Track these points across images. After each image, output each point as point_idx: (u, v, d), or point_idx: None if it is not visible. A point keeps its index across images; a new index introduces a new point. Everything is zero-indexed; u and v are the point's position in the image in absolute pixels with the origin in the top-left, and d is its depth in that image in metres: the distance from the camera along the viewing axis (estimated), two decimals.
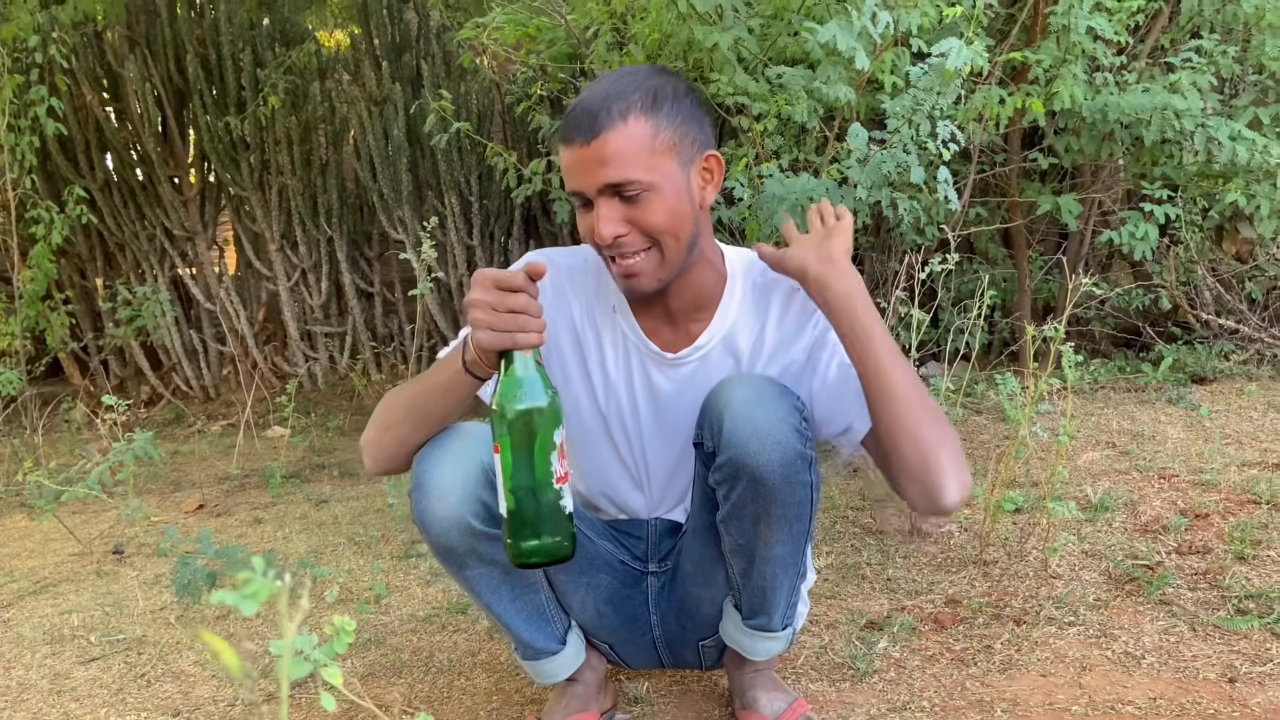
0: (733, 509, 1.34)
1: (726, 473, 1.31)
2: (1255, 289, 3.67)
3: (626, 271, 1.33)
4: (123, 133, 4.85)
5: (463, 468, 1.30)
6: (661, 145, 1.29)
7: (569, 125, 1.29)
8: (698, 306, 1.44)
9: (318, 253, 4.97)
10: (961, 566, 2.18)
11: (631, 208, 1.29)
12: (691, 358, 1.45)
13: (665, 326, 1.46)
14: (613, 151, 1.26)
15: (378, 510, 3.05)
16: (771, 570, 1.40)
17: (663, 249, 1.32)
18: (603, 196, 1.29)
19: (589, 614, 1.56)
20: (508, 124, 4.64)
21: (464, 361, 1.28)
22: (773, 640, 1.51)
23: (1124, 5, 2.84)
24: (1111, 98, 2.89)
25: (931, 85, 2.07)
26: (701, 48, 2.50)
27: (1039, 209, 3.21)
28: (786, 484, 1.28)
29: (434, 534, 1.32)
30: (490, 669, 1.93)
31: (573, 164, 1.29)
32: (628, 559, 1.58)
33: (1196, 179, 3.00)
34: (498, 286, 1.18)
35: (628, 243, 1.31)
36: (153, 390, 5.16)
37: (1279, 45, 2.77)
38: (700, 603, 1.55)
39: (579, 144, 1.27)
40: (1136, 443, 2.76)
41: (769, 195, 2.34)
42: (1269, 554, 2.07)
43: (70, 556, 2.84)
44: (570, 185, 1.31)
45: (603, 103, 1.27)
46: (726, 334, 1.45)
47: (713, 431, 1.32)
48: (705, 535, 1.47)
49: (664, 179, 1.29)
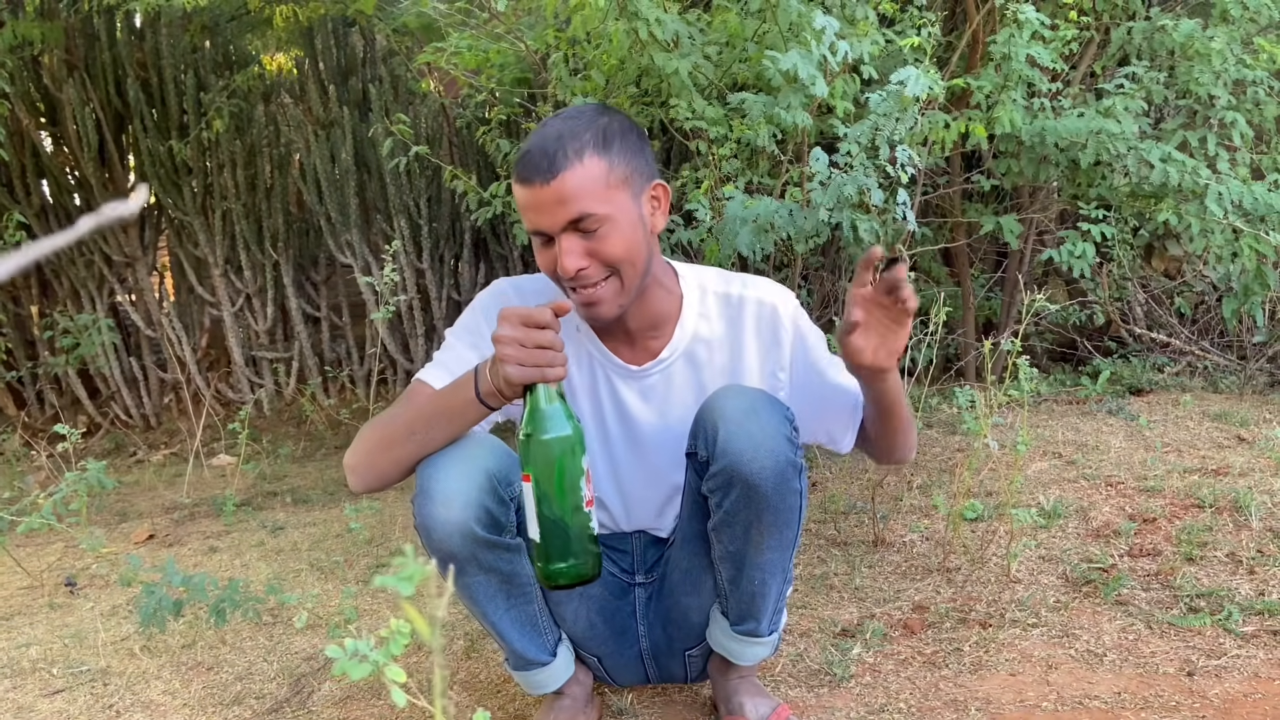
0: (725, 516, 1.38)
1: (721, 480, 1.35)
2: (1184, 304, 3.84)
3: (589, 300, 1.39)
4: (59, 157, 4.76)
5: (468, 475, 1.33)
6: (615, 180, 1.36)
7: (526, 167, 1.34)
8: (654, 325, 1.51)
9: (263, 277, 4.92)
10: (925, 574, 2.25)
11: (591, 241, 1.35)
12: (655, 370, 1.52)
13: (625, 346, 1.52)
14: (571, 189, 1.32)
15: (337, 535, 3.03)
16: (761, 576, 1.45)
17: (622, 277, 1.39)
18: (565, 233, 1.34)
19: (581, 625, 1.58)
20: (455, 147, 4.66)
21: (477, 392, 1.32)
22: (760, 645, 1.55)
23: (1059, 34, 2.97)
24: (1049, 122, 3.01)
25: (890, 111, 2.15)
26: (662, 74, 2.55)
27: (982, 229, 3.32)
28: (779, 491, 1.34)
29: (436, 539, 1.34)
30: (470, 687, 1.94)
31: (532, 203, 1.34)
32: (616, 571, 1.62)
33: (1129, 199, 3.13)
34: (524, 324, 1.24)
35: (589, 274, 1.37)
36: (90, 420, 5.04)
37: (1207, 72, 2.93)
38: (688, 611, 1.59)
39: (538, 184, 1.33)
40: (1082, 452, 2.87)
41: (730, 217, 2.40)
42: (1215, 555, 2.17)
43: (20, 590, 2.77)
44: (531, 224, 1.37)
45: (557, 144, 1.33)
46: (687, 348, 1.52)
47: (707, 441, 1.37)
48: (693, 544, 1.52)
49: (619, 211, 1.36)
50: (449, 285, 4.79)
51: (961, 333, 3.70)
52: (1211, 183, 2.91)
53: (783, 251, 3.13)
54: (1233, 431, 2.96)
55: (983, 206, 3.66)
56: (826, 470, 2.97)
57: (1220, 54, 2.92)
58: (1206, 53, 2.88)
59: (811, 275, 3.64)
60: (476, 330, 1.51)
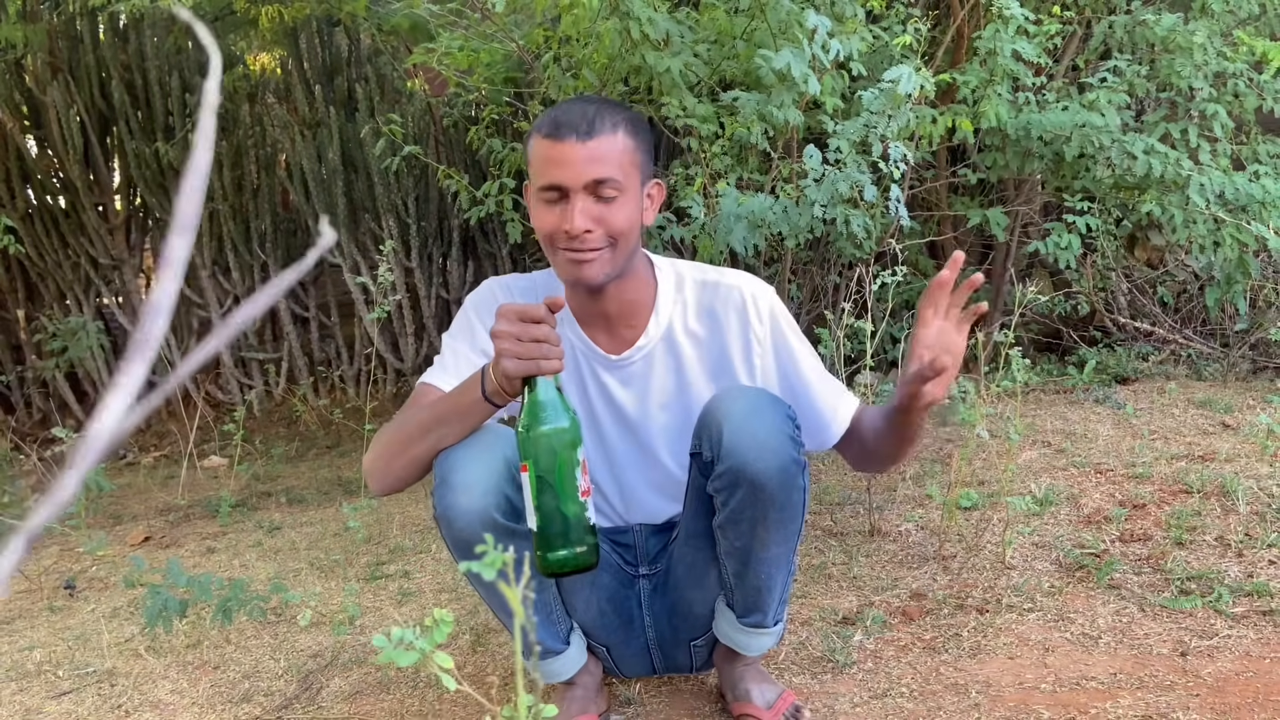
0: (731, 514, 1.42)
1: (726, 480, 1.39)
2: (1166, 293, 3.90)
3: (581, 259, 1.43)
4: (44, 161, 4.74)
5: (486, 463, 1.36)
6: (634, 163, 1.44)
7: (559, 124, 1.40)
8: (632, 313, 1.56)
9: (251, 278, 4.91)
10: (922, 562, 2.29)
11: (603, 206, 1.41)
12: (635, 358, 1.57)
13: (604, 334, 1.57)
14: (603, 152, 1.39)
15: (335, 534, 3.04)
16: (767, 570, 1.48)
17: (615, 249, 1.44)
18: (583, 192, 1.40)
19: (592, 614, 1.62)
20: (442, 145, 4.67)
21: (484, 391, 1.35)
22: (766, 636, 1.59)
23: (1042, 29, 3.02)
24: (1034, 116, 3.05)
25: (883, 109, 2.19)
26: (654, 72, 2.58)
27: (969, 222, 3.37)
28: (783, 489, 1.38)
29: (457, 528, 1.37)
30: (477, 681, 1.96)
31: (558, 158, 1.40)
32: (621, 562, 1.66)
33: (1113, 191, 3.18)
34: (520, 319, 1.28)
35: (592, 239, 1.42)
36: (78, 423, 5.02)
37: (1188, 64, 2.98)
38: (692, 604, 1.63)
39: (572, 140, 1.39)
40: (1070, 441, 2.91)
41: (725, 214, 2.43)
42: (1204, 539, 2.22)
43: (18, 593, 2.77)
44: (548, 178, 1.41)
45: (596, 112, 1.41)
46: (665, 334, 1.57)
47: (711, 442, 1.41)
48: (698, 540, 1.56)
49: (632, 189, 1.44)
50: (438, 284, 4.80)
51: None
52: (1194, 174, 2.96)
53: (773, 247, 3.16)
54: (1217, 418, 3.01)
55: (969, 200, 3.71)
56: (821, 462, 3.01)
57: (1201, 47, 2.98)
58: (1188, 46, 2.93)
59: (801, 270, 3.68)
60: (471, 329, 1.55)
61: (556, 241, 1.43)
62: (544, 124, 1.43)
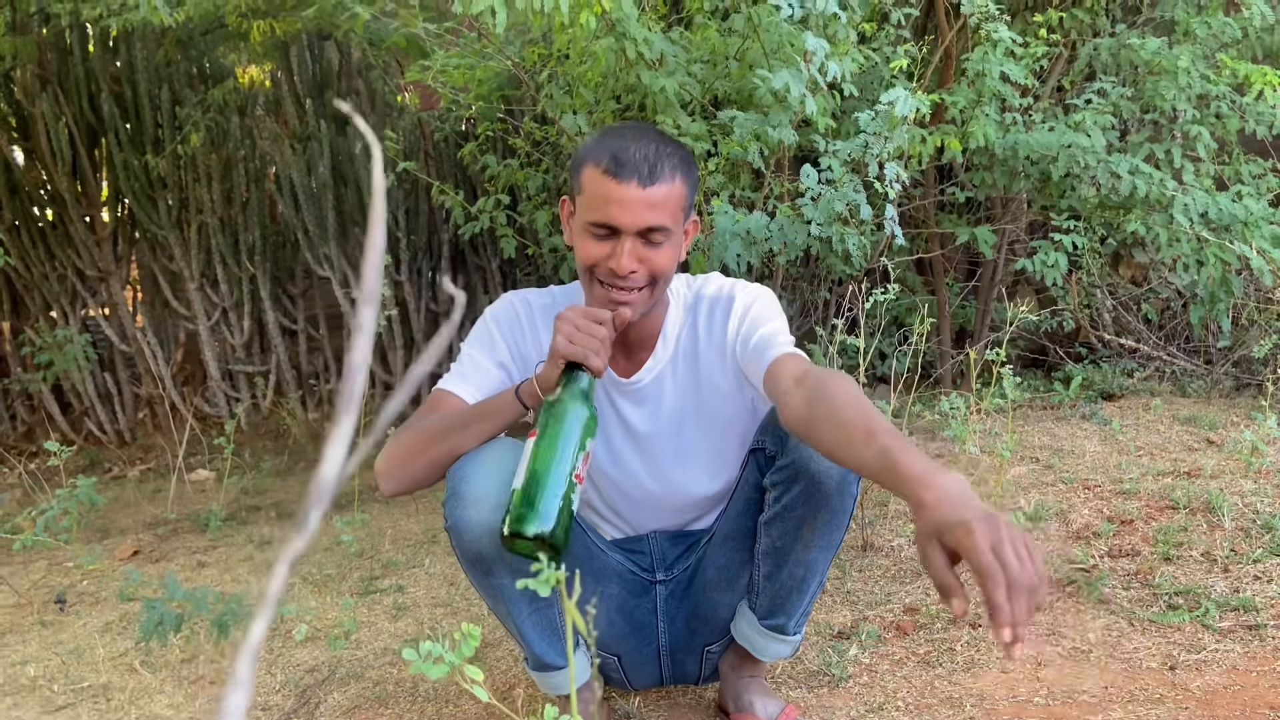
0: (783, 509, 1.46)
1: (787, 474, 1.44)
2: (1150, 310, 3.96)
3: (621, 300, 1.46)
4: (32, 173, 4.72)
5: (497, 477, 1.38)
6: (684, 205, 1.47)
7: (621, 163, 1.40)
8: (646, 336, 1.60)
9: (239, 290, 4.90)
10: (914, 577, 2.31)
11: (650, 250, 1.44)
12: (645, 379, 1.60)
13: (621, 357, 1.60)
14: (661, 199, 1.41)
15: (326, 548, 3.04)
16: (802, 573, 1.52)
17: (654, 289, 1.48)
18: (635, 236, 1.42)
19: (601, 624, 1.64)
20: (432, 160, 4.68)
21: (517, 391, 1.43)
22: (783, 643, 1.62)
23: (1029, 51, 3.07)
24: (1021, 136, 3.10)
25: (880, 130, 2.22)
26: (649, 91, 2.61)
27: (957, 239, 3.41)
28: (839, 493, 1.43)
29: (467, 540, 1.39)
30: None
31: (618, 199, 1.41)
32: (635, 570, 1.69)
33: (1099, 210, 3.23)
34: (585, 317, 1.37)
35: (636, 279, 1.44)
36: (64, 436, 4.99)
37: (1172, 87, 3.03)
38: (717, 607, 1.66)
39: (635, 184, 1.40)
40: (1058, 457, 2.95)
41: (721, 231, 2.45)
42: (1191, 554, 2.25)
43: (8, 608, 2.76)
44: (604, 216, 1.42)
45: (658, 155, 1.42)
46: (673, 356, 1.61)
47: (776, 437, 1.46)
48: (736, 540, 1.60)
49: (678, 231, 1.47)
50: (427, 298, 4.81)
51: (937, 341, 3.79)
52: (1178, 194, 3.02)
53: (765, 264, 3.20)
54: (1202, 434, 3.06)
55: (956, 218, 3.75)
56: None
57: (1185, 70, 3.03)
58: (1172, 69, 2.99)
59: (791, 286, 3.71)
60: (491, 341, 1.58)
61: (598, 274, 1.46)
62: (603, 157, 1.41)
